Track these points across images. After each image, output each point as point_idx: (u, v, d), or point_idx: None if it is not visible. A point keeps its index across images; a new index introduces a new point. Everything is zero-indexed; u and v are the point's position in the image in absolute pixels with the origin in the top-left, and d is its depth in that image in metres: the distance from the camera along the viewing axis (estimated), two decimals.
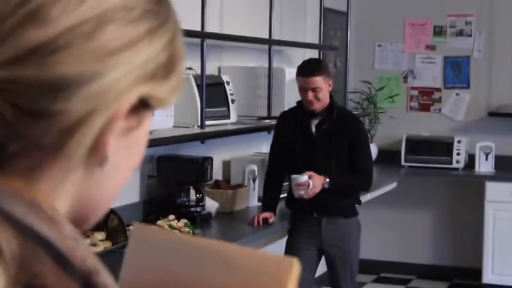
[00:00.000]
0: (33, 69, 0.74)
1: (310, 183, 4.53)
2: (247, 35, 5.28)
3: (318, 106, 4.63)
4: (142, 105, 0.81)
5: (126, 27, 0.78)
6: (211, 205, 4.79)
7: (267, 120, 5.41)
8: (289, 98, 5.37)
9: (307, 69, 4.66)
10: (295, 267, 0.87)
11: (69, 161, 0.78)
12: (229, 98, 5.02)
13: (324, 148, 4.63)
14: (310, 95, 4.60)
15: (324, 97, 4.64)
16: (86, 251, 0.77)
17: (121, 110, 0.78)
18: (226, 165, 5.45)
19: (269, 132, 5.29)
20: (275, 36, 5.76)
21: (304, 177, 4.55)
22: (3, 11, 0.75)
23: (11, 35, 0.74)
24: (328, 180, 4.56)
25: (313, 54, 6.41)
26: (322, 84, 4.61)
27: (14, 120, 0.75)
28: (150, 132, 2.78)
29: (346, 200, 4.75)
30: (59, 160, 0.78)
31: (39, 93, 0.74)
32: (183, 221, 4.32)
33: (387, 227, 7.67)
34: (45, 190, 0.78)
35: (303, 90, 4.66)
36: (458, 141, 7.15)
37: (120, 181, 0.84)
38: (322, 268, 5.15)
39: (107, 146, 0.79)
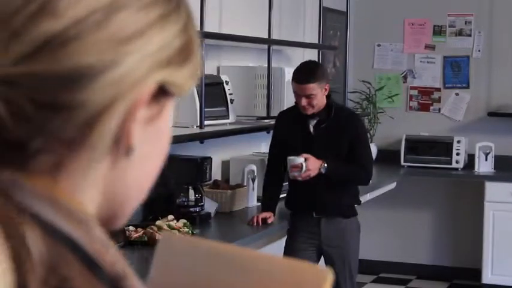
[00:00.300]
0: (47, 62, 0.73)
1: (303, 165, 4.51)
2: (247, 34, 5.27)
3: (312, 111, 4.61)
4: (162, 93, 0.80)
5: (137, 13, 0.77)
6: (210, 205, 4.78)
7: (266, 120, 5.40)
8: (289, 97, 5.36)
9: (301, 76, 4.61)
10: (329, 278, 0.85)
11: (93, 153, 0.77)
12: (228, 97, 5.01)
13: (322, 147, 4.62)
14: (304, 101, 4.58)
15: (319, 102, 4.60)
16: (115, 254, 0.76)
17: (142, 97, 0.77)
18: (226, 165, 5.44)
19: (268, 132, 5.27)
20: (274, 36, 5.75)
21: (299, 159, 4.53)
22: (13, 8, 0.74)
23: (22, 30, 0.74)
24: (325, 165, 4.54)
25: (313, 54, 6.41)
26: (317, 91, 4.57)
27: (33, 115, 0.74)
28: None
29: (345, 200, 4.75)
30: (82, 154, 0.77)
31: (54, 87, 0.74)
32: (182, 221, 4.30)
33: (387, 227, 7.66)
34: (71, 187, 0.77)
35: (297, 95, 4.63)
36: (458, 141, 7.14)
37: (145, 173, 0.83)
38: None
39: (132, 134, 0.78)
